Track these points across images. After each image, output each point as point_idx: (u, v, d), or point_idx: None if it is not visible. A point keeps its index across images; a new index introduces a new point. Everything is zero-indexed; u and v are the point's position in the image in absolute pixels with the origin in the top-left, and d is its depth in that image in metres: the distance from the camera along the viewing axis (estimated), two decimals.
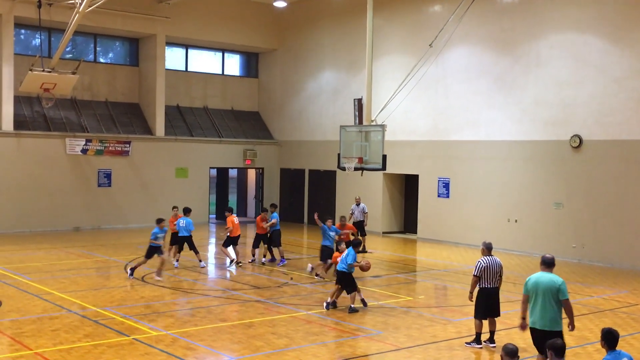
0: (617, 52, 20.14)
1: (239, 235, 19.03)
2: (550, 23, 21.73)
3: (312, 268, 17.72)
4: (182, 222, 18.52)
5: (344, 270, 13.71)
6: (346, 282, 13.77)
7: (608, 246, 20.37)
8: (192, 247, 18.59)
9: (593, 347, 11.33)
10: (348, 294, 13.74)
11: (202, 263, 18.74)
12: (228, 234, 18.83)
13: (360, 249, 16.54)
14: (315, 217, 17.90)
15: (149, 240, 16.67)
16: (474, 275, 11.33)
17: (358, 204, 21.37)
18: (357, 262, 13.91)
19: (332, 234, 17.21)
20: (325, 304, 13.87)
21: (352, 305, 13.63)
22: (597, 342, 11.46)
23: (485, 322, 11.40)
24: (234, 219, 18.89)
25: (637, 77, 19.68)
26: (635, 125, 19.75)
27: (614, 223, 20.22)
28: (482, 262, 11.25)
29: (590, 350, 11.19)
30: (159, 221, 16.81)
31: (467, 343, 11.46)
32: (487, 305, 11.28)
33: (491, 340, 11.39)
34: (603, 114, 20.42)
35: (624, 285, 17.31)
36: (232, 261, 18.86)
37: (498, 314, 11.42)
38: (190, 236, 18.51)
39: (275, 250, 19.72)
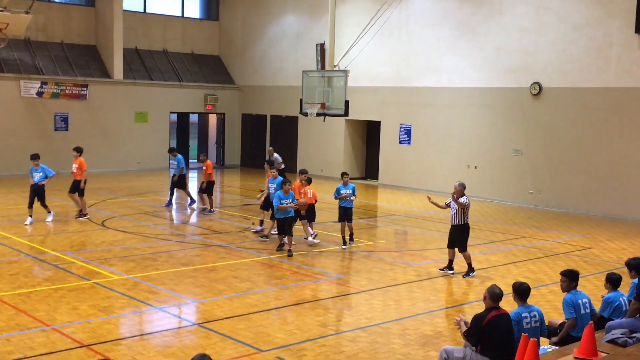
0: (577, 0, 20.22)
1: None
2: None
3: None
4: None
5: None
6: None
7: (564, 192, 20.85)
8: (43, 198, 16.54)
9: (547, 288, 11.68)
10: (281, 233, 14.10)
11: (50, 216, 16.79)
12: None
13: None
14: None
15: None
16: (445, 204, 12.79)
17: (272, 155, 21.44)
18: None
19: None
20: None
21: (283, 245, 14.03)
22: (552, 284, 11.85)
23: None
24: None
25: (597, 25, 19.83)
26: (594, 73, 20.00)
27: (570, 170, 20.66)
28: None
29: (544, 291, 11.54)
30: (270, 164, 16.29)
31: (440, 269, 12.77)
32: (450, 238, 12.69)
33: (448, 268, 12.74)
34: (563, 62, 20.61)
35: (578, 229, 17.80)
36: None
37: (460, 249, 12.52)
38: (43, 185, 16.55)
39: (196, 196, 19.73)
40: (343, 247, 14.57)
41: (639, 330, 7.44)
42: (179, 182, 19.58)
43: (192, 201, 19.49)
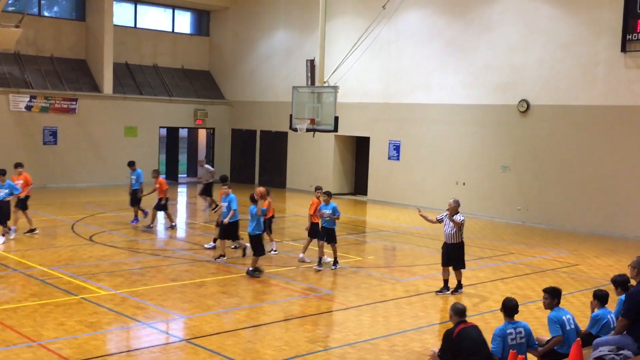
0: (565, 19, 20.47)
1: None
2: None
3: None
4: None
5: (249, 232, 13.23)
6: (255, 245, 13.25)
7: (551, 209, 20.96)
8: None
9: (535, 305, 11.71)
10: (255, 256, 13.21)
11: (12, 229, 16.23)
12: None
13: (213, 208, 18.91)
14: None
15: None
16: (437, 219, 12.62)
17: (202, 166, 21.70)
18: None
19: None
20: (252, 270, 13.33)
21: (252, 269, 13.16)
22: (539, 300, 11.86)
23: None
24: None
25: (584, 43, 20.06)
26: (581, 91, 20.20)
27: (558, 186, 20.78)
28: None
29: (532, 308, 11.57)
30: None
31: (437, 292, 12.40)
32: (446, 257, 12.43)
33: (445, 289, 12.47)
34: (550, 79, 20.81)
35: (565, 246, 17.88)
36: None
37: (459, 267, 12.42)
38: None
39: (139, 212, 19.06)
40: (324, 267, 13.97)
41: (626, 347, 7.48)
42: (134, 197, 18.92)
43: (136, 219, 18.82)
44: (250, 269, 13.12)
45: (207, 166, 22.24)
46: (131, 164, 19.32)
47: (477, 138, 22.69)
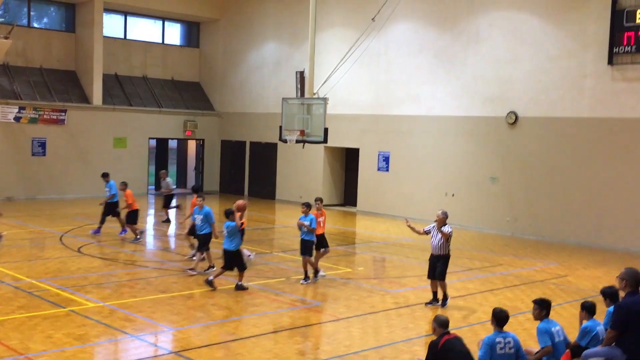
0: (553, 32, 20.65)
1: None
2: (490, 0, 22.05)
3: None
4: None
5: (231, 249, 12.92)
6: (237, 261, 13.00)
7: (540, 220, 21.05)
8: None
9: (524, 316, 11.74)
10: (240, 271, 12.97)
11: None
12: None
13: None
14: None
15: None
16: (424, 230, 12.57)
17: (164, 179, 21.67)
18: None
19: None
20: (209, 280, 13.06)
21: (240, 283, 12.99)
22: (528, 311, 11.89)
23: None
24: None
25: (571, 56, 20.24)
26: (568, 103, 20.36)
27: (546, 198, 20.89)
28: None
29: (521, 319, 11.59)
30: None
31: (426, 304, 12.36)
32: (432, 268, 12.36)
33: (434, 300, 12.44)
34: (538, 92, 20.96)
35: (554, 257, 17.95)
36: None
37: (439, 278, 12.28)
38: None
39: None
40: (302, 281, 13.78)
41: (615, 359, 7.51)
42: (111, 209, 18.82)
43: (124, 230, 18.70)
44: (239, 282, 13.05)
45: (168, 179, 22.14)
46: (105, 175, 19.38)
47: (466, 149, 22.78)
